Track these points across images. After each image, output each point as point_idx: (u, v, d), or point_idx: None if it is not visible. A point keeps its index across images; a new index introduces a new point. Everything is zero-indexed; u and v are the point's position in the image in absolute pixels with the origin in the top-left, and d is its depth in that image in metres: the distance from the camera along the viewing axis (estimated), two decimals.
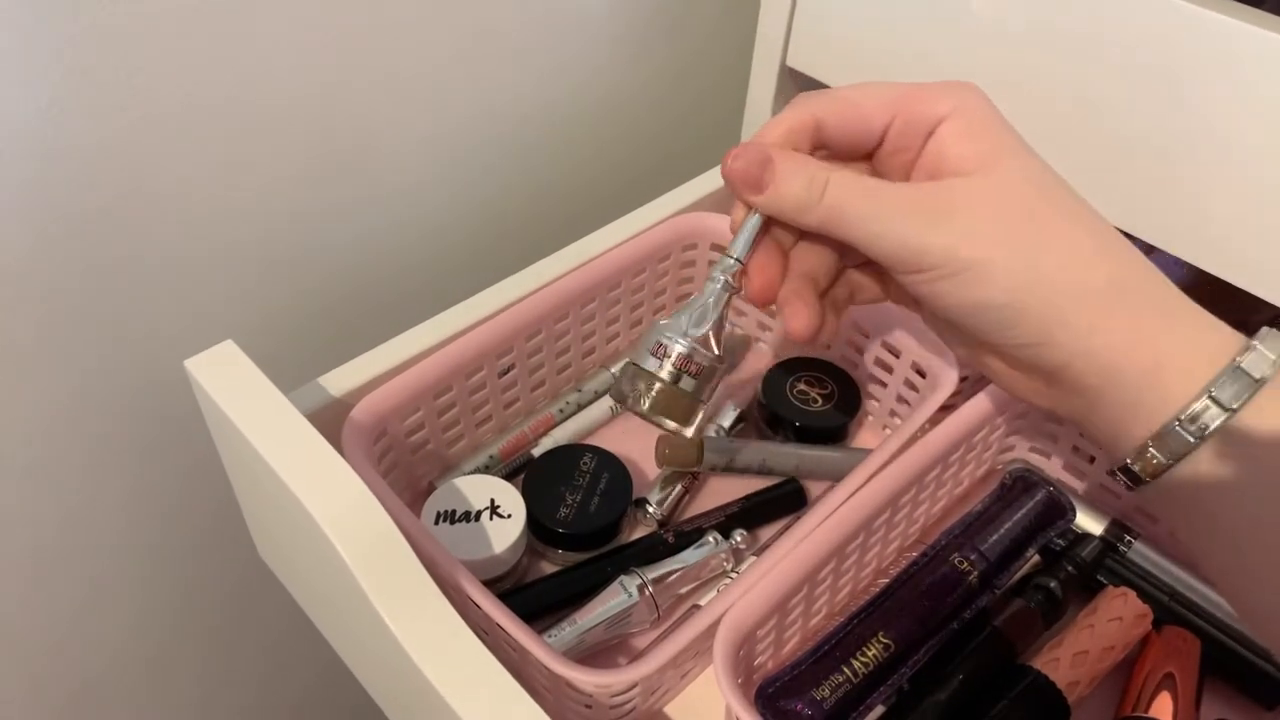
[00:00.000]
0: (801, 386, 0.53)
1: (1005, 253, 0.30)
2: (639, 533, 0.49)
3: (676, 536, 0.47)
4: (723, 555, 0.45)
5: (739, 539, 0.46)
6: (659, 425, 0.34)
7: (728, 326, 0.58)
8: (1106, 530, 0.48)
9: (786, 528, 0.48)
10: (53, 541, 0.54)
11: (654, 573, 0.44)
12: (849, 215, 0.31)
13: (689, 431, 0.34)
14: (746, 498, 0.49)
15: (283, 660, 0.75)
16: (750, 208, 0.33)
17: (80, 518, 0.54)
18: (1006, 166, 0.31)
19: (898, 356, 0.51)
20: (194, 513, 0.60)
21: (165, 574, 0.61)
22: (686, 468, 0.46)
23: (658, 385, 0.33)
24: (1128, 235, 0.46)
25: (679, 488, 0.49)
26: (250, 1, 0.44)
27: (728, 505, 0.49)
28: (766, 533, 0.49)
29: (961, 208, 0.30)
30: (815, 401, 0.52)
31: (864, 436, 0.54)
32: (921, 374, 0.49)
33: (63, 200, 0.44)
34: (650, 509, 0.48)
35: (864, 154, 0.34)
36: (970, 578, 0.43)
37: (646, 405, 0.33)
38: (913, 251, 0.30)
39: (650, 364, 0.34)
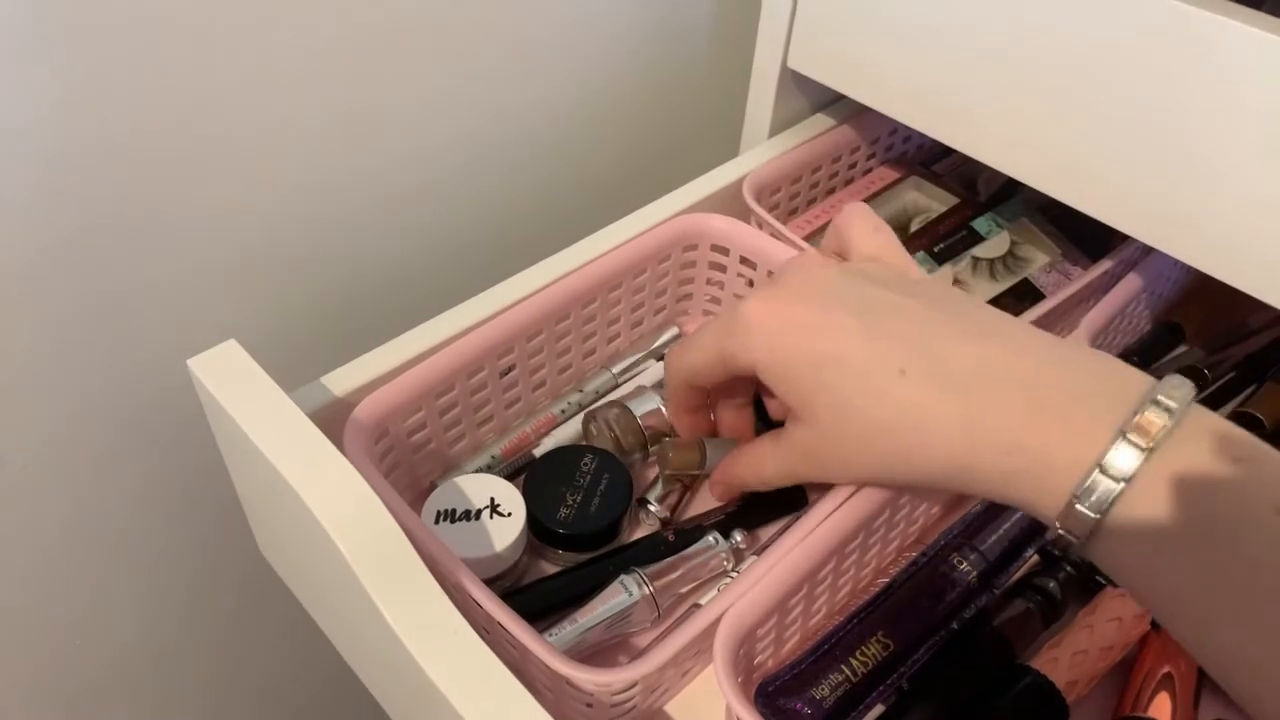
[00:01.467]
0: None
1: (866, 469, 0.37)
2: (639, 532, 0.49)
3: (677, 536, 0.47)
4: (723, 555, 0.46)
5: (739, 539, 0.46)
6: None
7: None
8: None
9: (786, 528, 0.48)
10: (56, 543, 0.54)
11: (654, 572, 0.44)
12: (749, 485, 0.43)
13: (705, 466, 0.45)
14: (746, 497, 0.49)
15: (289, 662, 0.75)
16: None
17: (84, 518, 0.54)
18: (821, 409, 0.36)
19: None
20: (198, 512, 0.60)
21: (170, 574, 0.61)
22: (690, 471, 0.47)
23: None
24: (1127, 236, 0.47)
25: (680, 487, 0.49)
26: (255, 6, 0.45)
27: (727, 504, 0.49)
28: (766, 533, 0.49)
29: (812, 454, 0.38)
30: None
31: None
32: None
33: (67, 201, 0.44)
34: (652, 508, 0.48)
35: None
36: (970, 578, 0.43)
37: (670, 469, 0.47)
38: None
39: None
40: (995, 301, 0.56)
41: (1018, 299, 0.56)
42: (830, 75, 0.56)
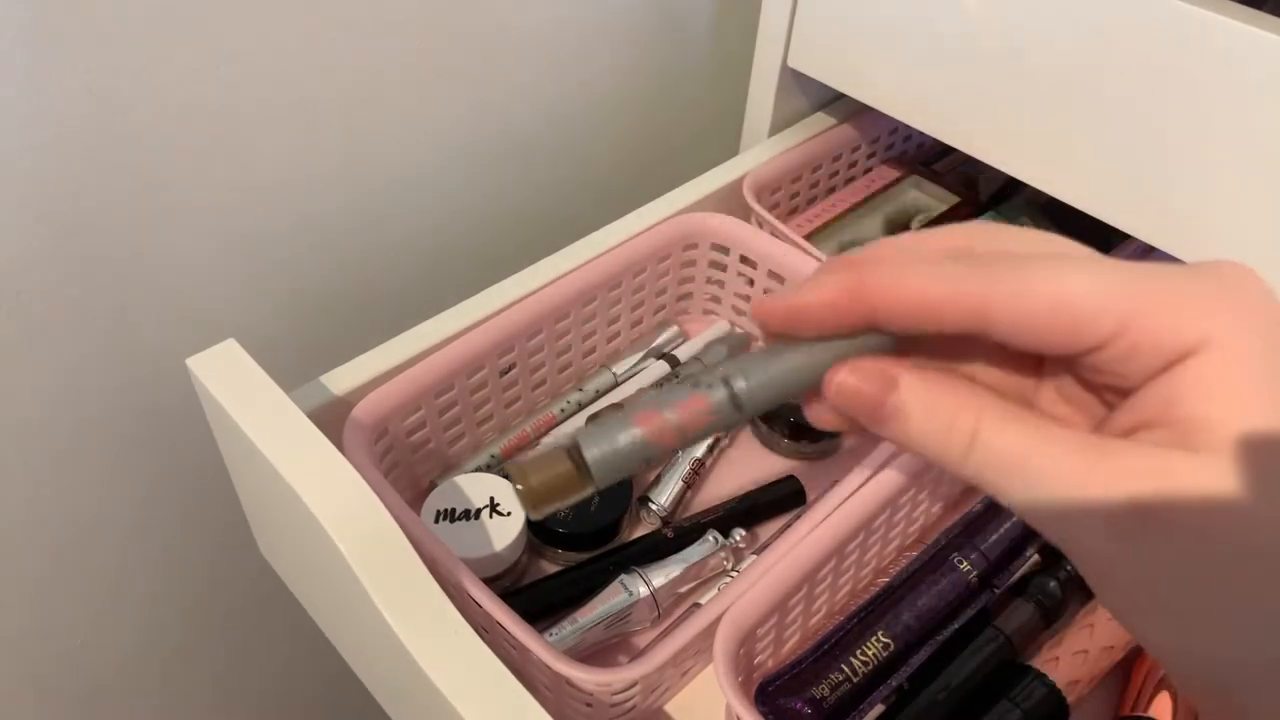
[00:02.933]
0: None
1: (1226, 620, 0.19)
2: (639, 531, 0.49)
3: (677, 534, 0.47)
4: (723, 554, 0.45)
5: (739, 538, 0.46)
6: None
7: (729, 329, 0.58)
8: None
9: (786, 526, 0.48)
10: (55, 545, 0.54)
11: (654, 571, 0.44)
12: (1003, 483, 0.21)
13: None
14: (746, 496, 0.49)
15: (292, 663, 0.75)
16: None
17: (84, 518, 0.54)
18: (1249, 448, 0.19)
19: None
20: (199, 513, 0.60)
21: (173, 575, 0.61)
22: (566, 497, 0.26)
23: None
24: (1128, 235, 0.47)
25: (681, 484, 0.49)
26: (259, 5, 0.45)
27: (727, 503, 0.49)
28: (766, 531, 0.49)
29: (1183, 510, 0.19)
30: None
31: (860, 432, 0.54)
32: None
33: (64, 199, 0.44)
34: (653, 506, 0.48)
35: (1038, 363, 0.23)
36: (970, 577, 0.43)
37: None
38: (1098, 560, 0.20)
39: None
40: None
41: None
42: (830, 74, 0.56)
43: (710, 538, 0.46)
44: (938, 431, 0.22)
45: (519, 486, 0.25)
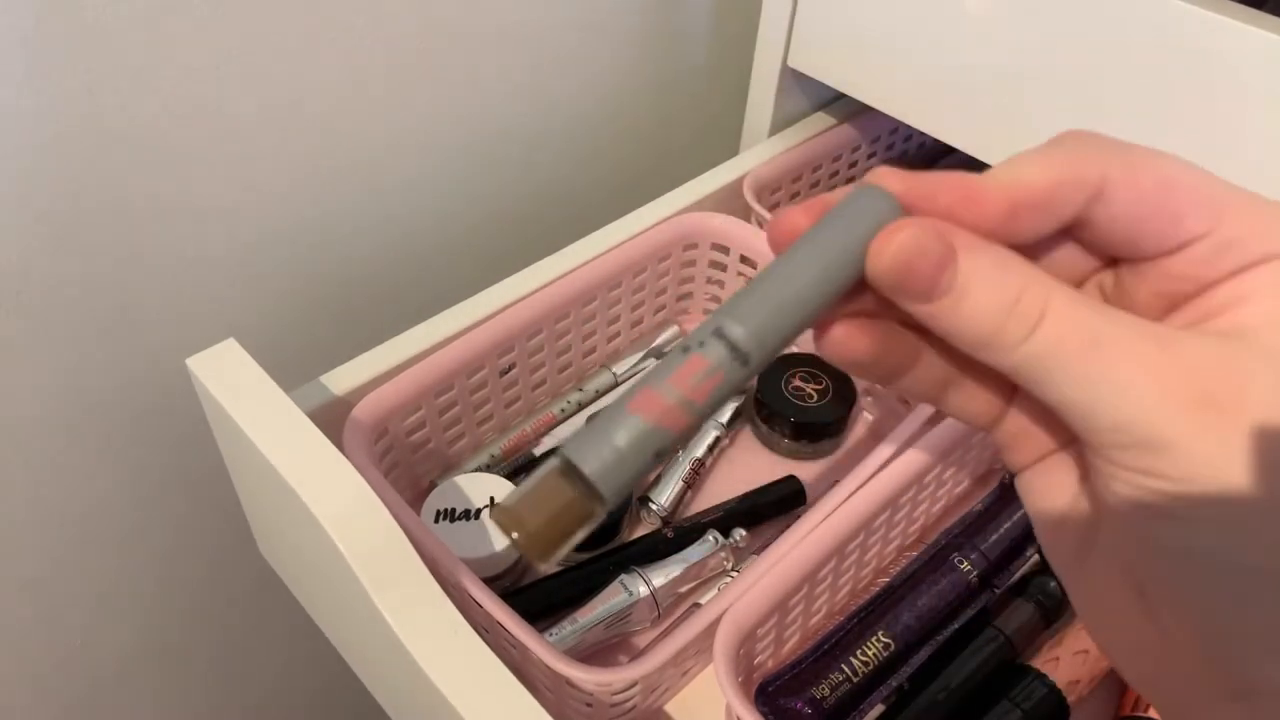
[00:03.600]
0: (797, 383, 0.53)
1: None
2: (640, 531, 0.49)
3: (677, 534, 0.47)
4: (723, 554, 0.45)
5: (739, 538, 0.46)
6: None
7: None
8: None
9: (787, 527, 0.48)
10: (54, 543, 0.54)
11: (654, 571, 0.44)
12: (1063, 373, 0.19)
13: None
14: (746, 496, 0.49)
15: (290, 662, 0.75)
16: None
17: (82, 517, 0.54)
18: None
19: None
20: (198, 512, 0.60)
21: (171, 574, 0.61)
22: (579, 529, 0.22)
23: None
24: None
25: (681, 484, 0.49)
26: (257, 5, 0.44)
27: (727, 503, 0.49)
28: (766, 531, 0.49)
29: (1258, 399, 0.18)
30: (811, 397, 0.52)
31: (860, 433, 0.54)
32: None
33: (64, 199, 0.44)
34: (653, 506, 0.48)
35: (1116, 258, 0.22)
36: (970, 577, 0.43)
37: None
38: (1150, 449, 0.19)
39: None
40: None
41: None
42: (831, 74, 0.56)
43: (710, 538, 0.46)
44: (999, 309, 0.19)
45: (514, 536, 0.20)
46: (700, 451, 0.50)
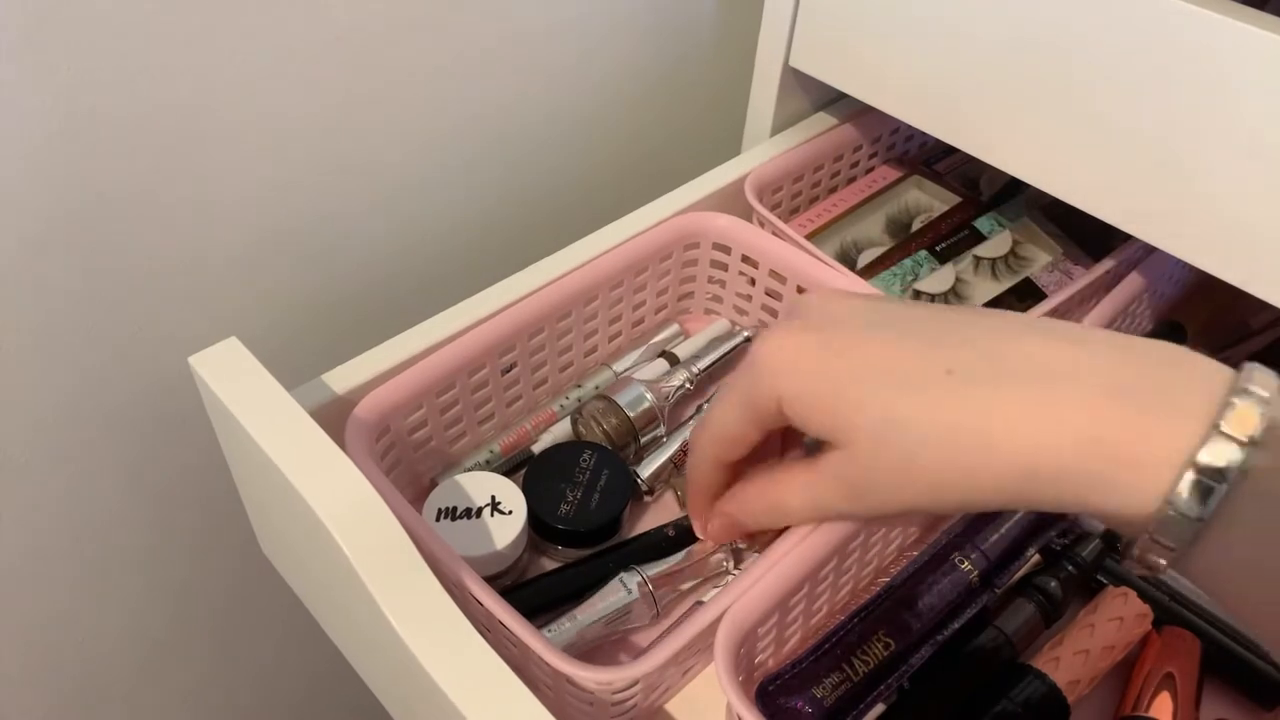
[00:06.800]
0: None
1: (914, 494, 0.30)
2: (640, 529, 0.49)
3: (678, 533, 0.47)
4: (723, 555, 0.45)
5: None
6: None
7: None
8: (1106, 530, 0.48)
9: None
10: (52, 537, 0.54)
11: (653, 570, 0.44)
12: (765, 521, 0.37)
13: None
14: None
15: (284, 656, 0.75)
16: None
17: (81, 514, 0.54)
18: (861, 429, 0.31)
19: None
20: (196, 509, 0.60)
21: (166, 570, 0.61)
22: None
23: None
24: (1129, 235, 0.47)
25: (666, 461, 0.49)
26: (259, 1, 0.45)
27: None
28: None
29: (852, 484, 0.32)
30: None
31: None
32: None
33: (66, 196, 0.44)
34: (640, 484, 0.49)
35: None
36: (971, 577, 0.43)
37: None
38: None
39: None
40: (997, 301, 0.56)
41: (1019, 298, 0.56)
42: (832, 74, 0.56)
43: None
44: (730, 530, 0.38)
45: None
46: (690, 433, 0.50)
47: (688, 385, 0.52)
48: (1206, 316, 0.58)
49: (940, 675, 0.42)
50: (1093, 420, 0.27)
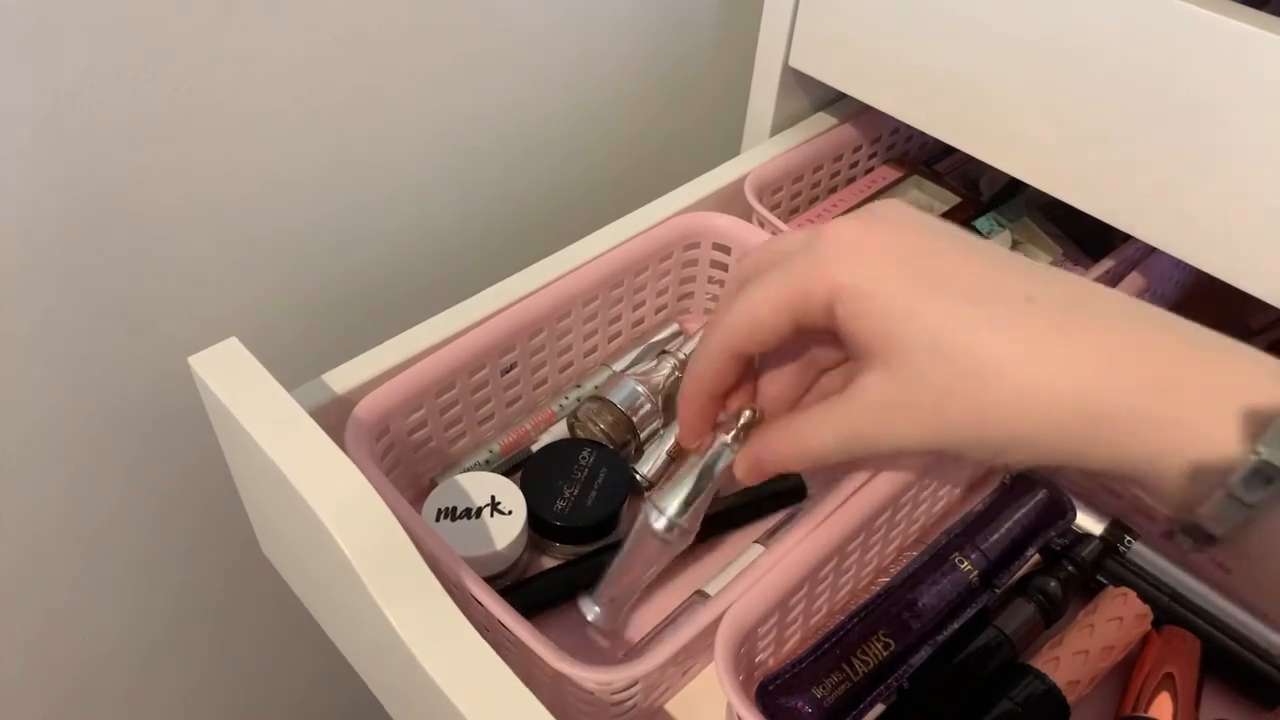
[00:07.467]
0: None
1: (960, 426, 0.28)
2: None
3: None
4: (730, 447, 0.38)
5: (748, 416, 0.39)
6: None
7: None
8: (1106, 530, 0.48)
9: (788, 521, 0.48)
10: (51, 537, 0.54)
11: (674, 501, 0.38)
12: (793, 463, 0.33)
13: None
14: (747, 490, 0.49)
15: (283, 656, 0.75)
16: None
17: (81, 514, 0.54)
18: (916, 347, 0.28)
19: None
20: (195, 509, 0.60)
21: (165, 570, 0.61)
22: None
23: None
24: (1129, 235, 0.47)
25: (665, 455, 0.49)
26: (259, 1, 0.45)
27: (728, 497, 0.49)
28: (767, 525, 0.49)
29: (893, 409, 0.29)
30: None
31: None
32: None
33: (66, 195, 0.44)
34: (639, 477, 0.49)
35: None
36: (971, 577, 0.43)
37: None
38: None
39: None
40: None
41: None
42: (832, 74, 0.56)
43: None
44: (757, 467, 0.34)
45: None
46: None
47: (678, 373, 0.52)
48: (1207, 317, 0.58)
49: (940, 675, 0.42)
50: (1177, 365, 0.26)
